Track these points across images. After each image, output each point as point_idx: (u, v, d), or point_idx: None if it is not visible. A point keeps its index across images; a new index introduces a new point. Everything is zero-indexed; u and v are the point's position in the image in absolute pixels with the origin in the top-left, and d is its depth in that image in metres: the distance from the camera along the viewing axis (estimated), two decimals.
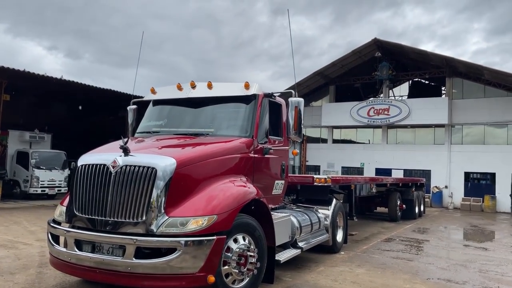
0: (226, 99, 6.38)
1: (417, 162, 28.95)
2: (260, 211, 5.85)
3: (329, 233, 8.63)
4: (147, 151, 5.35)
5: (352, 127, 31.94)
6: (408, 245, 10.72)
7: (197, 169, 5.11)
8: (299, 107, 6.19)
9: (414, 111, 28.58)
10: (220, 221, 4.82)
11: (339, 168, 31.61)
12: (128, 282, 4.70)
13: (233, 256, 5.06)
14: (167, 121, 6.64)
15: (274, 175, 6.69)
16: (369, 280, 6.87)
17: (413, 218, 17.32)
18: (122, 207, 4.79)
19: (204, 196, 4.99)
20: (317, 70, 30.92)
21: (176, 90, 6.66)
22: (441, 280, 7.10)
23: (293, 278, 6.76)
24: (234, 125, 6.27)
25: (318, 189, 8.90)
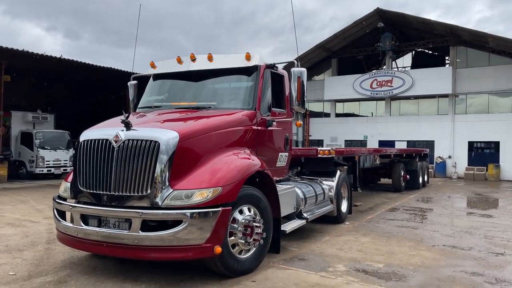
0: (227, 71, 6.29)
1: (421, 133, 28.84)
2: (265, 183, 5.86)
3: (333, 204, 8.67)
4: (149, 125, 5.32)
5: (355, 100, 31.70)
6: (413, 214, 10.78)
7: (200, 142, 5.08)
8: (302, 77, 6.10)
9: (417, 82, 28.28)
10: (225, 193, 4.83)
11: (342, 142, 31.54)
12: (136, 254, 4.76)
13: (239, 227, 5.09)
14: (168, 95, 6.58)
15: (278, 147, 6.66)
16: (375, 248, 6.93)
17: (417, 188, 17.40)
18: (127, 181, 4.80)
19: (208, 168, 4.98)
20: (319, 43, 30.49)
21: (176, 64, 6.56)
22: (446, 247, 7.16)
23: (299, 248, 6.83)
24: (236, 98, 6.21)
25: (322, 161, 8.89)
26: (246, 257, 5.27)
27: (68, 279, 5.03)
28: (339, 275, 5.39)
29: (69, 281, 4.98)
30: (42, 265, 5.62)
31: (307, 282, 5.05)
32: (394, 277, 5.40)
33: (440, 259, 6.35)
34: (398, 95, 29.24)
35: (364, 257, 6.34)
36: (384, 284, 5.09)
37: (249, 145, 5.83)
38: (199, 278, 5.12)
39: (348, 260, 6.14)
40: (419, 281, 5.22)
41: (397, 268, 5.80)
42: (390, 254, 6.54)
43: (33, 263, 5.73)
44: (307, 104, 32.97)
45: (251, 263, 5.32)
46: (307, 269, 5.62)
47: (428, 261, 6.17)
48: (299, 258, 6.18)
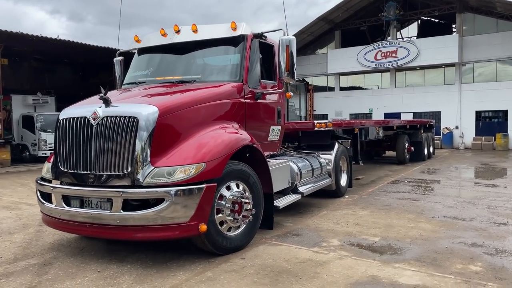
0: (213, 42, 6.00)
1: (427, 104, 28.33)
2: (256, 158, 5.66)
3: (332, 178, 8.47)
4: (128, 101, 5.10)
5: (359, 72, 31.11)
6: (415, 186, 10.55)
7: (182, 116, 4.86)
8: (291, 46, 5.79)
9: (423, 51, 27.58)
10: (210, 169, 4.63)
11: (347, 116, 31.10)
12: (119, 235, 4.63)
13: (226, 203, 4.92)
14: (153, 70, 6.32)
15: (269, 120, 6.42)
16: (372, 221, 6.74)
17: (422, 160, 17.12)
18: (106, 160, 4.62)
19: (191, 144, 4.78)
20: (321, 15, 29.76)
21: (160, 36, 6.29)
22: (447, 218, 6.95)
23: (294, 223, 6.67)
24: (222, 70, 5.95)
25: (319, 134, 8.64)
26: (235, 234, 5.11)
27: (53, 261, 4.92)
28: (332, 250, 5.22)
29: (54, 263, 4.87)
30: (30, 248, 5.52)
31: (298, 258, 4.89)
32: (389, 250, 5.22)
33: (439, 230, 6.15)
34: (403, 66, 28.60)
35: (361, 230, 6.17)
36: (378, 258, 4.92)
37: (236, 119, 5.60)
38: (187, 256, 4.99)
39: (344, 234, 5.97)
40: (415, 254, 5.04)
41: (394, 241, 5.62)
42: (388, 227, 6.36)
43: (21, 246, 5.64)
44: (311, 78, 33.01)
45: (241, 240, 5.17)
46: (300, 244, 5.46)
47: (426, 233, 5.98)
48: (293, 234, 6.02)
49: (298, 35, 31.01)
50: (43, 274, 4.52)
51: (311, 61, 32.94)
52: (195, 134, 4.89)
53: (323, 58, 31.87)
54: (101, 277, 4.40)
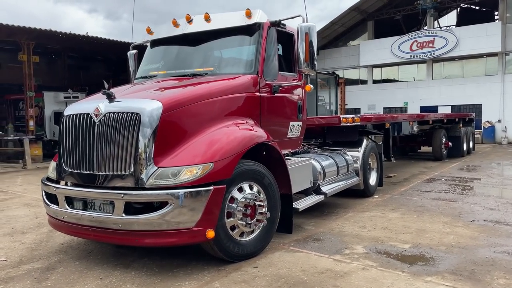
0: (226, 31, 5.58)
1: (467, 97, 26.86)
2: (273, 156, 5.22)
3: (359, 177, 7.90)
4: (133, 96, 4.77)
5: (393, 64, 29.90)
6: (453, 185, 9.79)
7: (189, 112, 4.47)
8: (310, 34, 5.27)
9: (462, 40, 26.13)
10: (218, 170, 4.23)
11: (380, 110, 30.05)
12: (122, 240, 4.32)
13: (238, 206, 4.51)
14: (164, 62, 5.98)
15: (288, 116, 5.95)
16: (403, 225, 6.16)
17: (460, 156, 16.12)
18: (109, 159, 4.31)
19: (199, 142, 4.39)
20: (353, 5, 28.74)
21: (172, 27, 5.93)
22: (487, 222, 6.27)
23: (316, 226, 6.19)
24: (235, 62, 5.54)
25: (346, 130, 8.07)
26: (248, 240, 4.70)
27: (57, 266, 4.68)
28: (355, 258, 4.72)
29: (58, 267, 4.63)
30: (38, 250, 5.33)
31: (317, 268, 4.42)
32: (420, 260, 4.66)
33: (479, 237, 5.51)
34: (441, 56, 27.23)
35: (389, 236, 5.62)
36: (407, 269, 4.38)
37: (251, 115, 5.16)
38: (196, 263, 4.63)
39: (370, 240, 5.44)
40: (450, 265, 4.46)
41: (426, 249, 5.04)
42: (420, 232, 5.77)
43: (30, 247, 5.46)
44: (343, 71, 32.10)
45: (254, 246, 4.76)
46: (320, 251, 4.99)
47: (464, 240, 5.36)
48: (314, 239, 5.55)
49: (329, 26, 30.20)
50: (43, 280, 4.27)
51: (342, 54, 31.98)
52: (203, 132, 4.49)
53: (355, 50, 30.84)
54: (102, 285, 4.11)
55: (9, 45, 20.90)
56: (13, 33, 17.84)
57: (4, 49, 23.05)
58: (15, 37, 18.27)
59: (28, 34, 18.11)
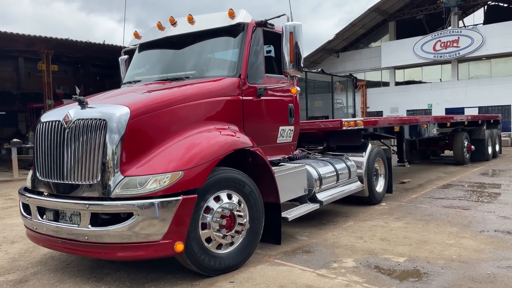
0: (209, 33, 5.35)
1: (494, 98, 25.76)
2: (258, 163, 4.95)
3: (364, 183, 7.49)
4: (104, 102, 4.59)
5: (416, 65, 29.04)
6: (470, 191, 9.20)
7: (161, 118, 4.26)
8: (296, 34, 4.97)
9: (489, 39, 25.10)
10: (189, 178, 3.99)
11: (404, 112, 29.22)
12: (90, 253, 4.14)
13: (214, 217, 4.26)
14: (149, 67, 5.82)
15: (278, 120, 5.66)
16: (404, 236, 5.74)
17: (484, 160, 15.28)
18: (77, 168, 4.14)
19: (170, 149, 4.16)
20: (373, 6, 28.13)
21: (157, 31, 5.76)
22: (498, 233, 5.77)
23: (310, 237, 5.85)
24: (218, 64, 5.31)
25: (349, 134, 7.69)
26: (227, 252, 4.43)
27: (31, 278, 4.55)
28: (341, 273, 4.37)
29: (31, 280, 4.49)
30: (20, 260, 5.23)
31: (296, 284, 4.10)
32: (413, 276, 4.26)
33: (485, 250, 5.04)
34: (466, 56, 26.25)
35: (385, 248, 5.22)
36: (395, 286, 4.00)
37: (232, 119, 4.90)
38: (172, 276, 4.39)
39: (363, 252, 5.07)
40: (444, 282, 4.05)
41: (423, 263, 4.63)
42: (420, 244, 5.34)
43: (13, 257, 5.37)
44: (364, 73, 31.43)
45: (234, 259, 4.48)
46: (306, 265, 4.66)
47: (466, 253, 4.91)
48: (304, 250, 5.22)
49: (349, 28, 29.66)
50: None
51: (363, 55, 31.33)
52: (176, 138, 4.26)
53: (377, 52, 30.14)
54: None
55: (34, 55, 21.45)
56: (32, 43, 18.30)
57: (31, 59, 23.77)
58: (34, 46, 18.73)
59: (46, 44, 18.54)
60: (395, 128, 9.30)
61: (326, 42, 30.66)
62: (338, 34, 29.94)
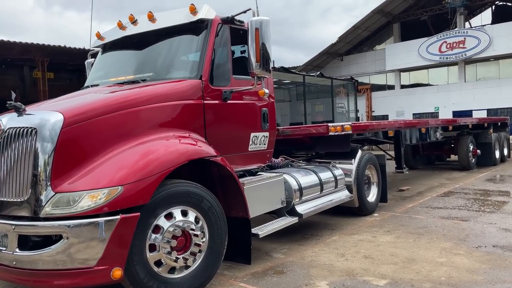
0: (170, 31, 4.87)
1: (504, 100, 24.94)
2: (223, 174, 4.45)
3: (353, 192, 6.93)
4: (43, 108, 4.13)
5: (421, 68, 28.33)
6: (471, 199, 8.57)
7: (101, 125, 3.77)
8: (262, 30, 4.46)
9: (496, 39, 24.34)
10: (131, 194, 3.50)
11: (410, 116, 28.47)
12: (19, 280, 3.65)
13: (164, 237, 3.75)
14: (108, 69, 5.36)
15: (248, 125, 5.15)
16: (391, 252, 5.17)
17: (492, 165, 14.54)
18: (6, 183, 3.68)
19: (110, 161, 3.67)
20: (376, 7, 27.55)
21: (118, 30, 5.31)
22: (496, 249, 5.17)
23: (287, 254, 5.31)
24: (177, 65, 4.83)
25: (336, 139, 7.13)
26: (181, 277, 3.91)
27: None
28: None
29: None
30: None
31: None
32: None
33: (479, 269, 4.45)
34: (473, 57, 25.49)
35: (367, 268, 4.65)
36: None
37: (190, 126, 4.40)
38: None
39: (341, 273, 4.51)
40: None
41: (406, 287, 4.06)
42: (408, 263, 4.77)
43: None
44: (368, 77, 30.81)
45: (189, 284, 3.95)
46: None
47: (458, 274, 4.33)
48: (276, 271, 4.68)
49: (352, 31, 29.09)
50: None
51: (367, 58, 30.72)
52: (119, 148, 3.77)
53: (381, 54, 29.51)
54: None
55: None
56: (27, 51, 18.09)
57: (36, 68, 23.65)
58: (29, 54, 18.53)
59: (41, 51, 18.33)
60: (389, 132, 8.72)
61: (329, 46, 30.11)
62: (341, 37, 29.37)
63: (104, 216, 3.38)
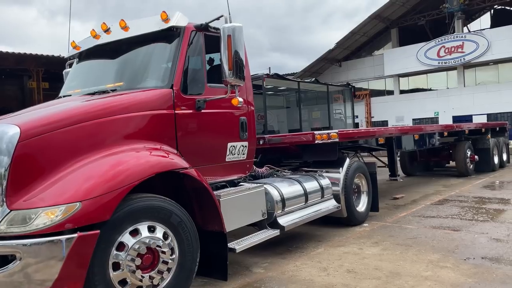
0: (142, 40, 4.72)
1: (504, 104, 24.69)
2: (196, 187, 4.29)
3: (341, 202, 6.74)
4: (4, 120, 3.97)
5: (420, 73, 28.17)
6: (466, 208, 8.34)
7: (61, 138, 3.60)
8: (235, 36, 4.31)
9: (494, 43, 24.17)
10: (90, 211, 3.31)
11: (409, 121, 28.27)
12: None
13: (129, 255, 3.57)
14: (81, 79, 5.22)
15: (225, 135, 4.97)
16: (375, 266, 4.96)
17: (490, 171, 14.29)
18: None
19: (69, 177, 3.49)
20: (373, 13, 27.47)
21: (92, 39, 5.17)
22: (485, 261, 4.95)
23: (268, 268, 5.11)
24: (148, 74, 4.65)
25: (323, 148, 6.96)
26: None
27: None
28: None
29: None
30: None
31: None
32: None
33: (464, 284, 4.25)
34: (472, 61, 25.31)
35: (348, 283, 4.45)
36: None
37: (160, 137, 4.23)
38: None
39: None
40: None
41: None
42: (391, 277, 4.56)
43: None
44: (367, 82, 30.68)
45: None
46: None
47: None
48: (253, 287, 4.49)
49: (350, 37, 29.00)
50: None
51: (366, 64, 30.59)
52: (81, 162, 3.61)
53: (379, 60, 29.38)
54: None
55: None
56: (21, 61, 18.02)
57: None
58: (24, 64, 18.45)
59: (36, 61, 18.25)
60: (380, 140, 8.53)
61: (327, 52, 30.00)
62: (338, 43, 29.27)
63: (61, 234, 3.21)
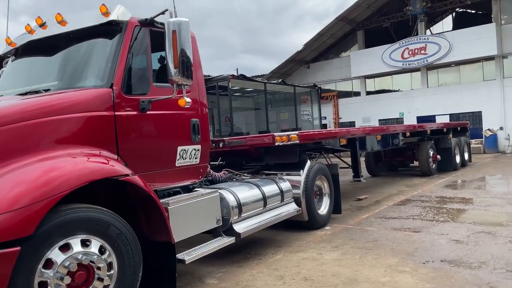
0: (80, 35, 4.35)
1: (465, 104, 25.26)
2: (141, 195, 3.95)
3: (301, 205, 6.54)
4: None
5: (385, 74, 28.50)
6: (427, 208, 8.34)
7: None
8: (180, 32, 4.00)
9: (456, 45, 24.69)
10: (8, 225, 2.94)
11: (376, 122, 28.55)
12: None
13: (58, 272, 3.20)
14: (15, 78, 4.80)
15: (174, 138, 4.66)
16: (333, 272, 4.77)
17: (452, 170, 14.54)
18: None
19: None
20: (340, 15, 27.58)
21: (27, 35, 4.75)
22: (444, 264, 4.85)
23: (222, 279, 4.83)
24: (86, 72, 4.28)
25: (284, 150, 6.74)
26: None
27: None
28: None
29: None
30: None
31: None
32: None
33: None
34: (435, 63, 25.76)
35: None
36: None
37: (97, 141, 3.87)
38: None
39: None
40: None
41: None
42: (349, 284, 4.38)
43: None
44: (335, 84, 30.85)
45: None
46: None
47: None
48: None
49: (317, 38, 29.06)
50: None
51: (333, 66, 30.77)
52: (2, 170, 3.22)
53: (346, 62, 29.58)
54: None
55: None
56: None
57: None
58: None
59: None
60: (342, 141, 8.42)
61: (295, 53, 30.00)
62: (306, 45, 29.31)
63: None
